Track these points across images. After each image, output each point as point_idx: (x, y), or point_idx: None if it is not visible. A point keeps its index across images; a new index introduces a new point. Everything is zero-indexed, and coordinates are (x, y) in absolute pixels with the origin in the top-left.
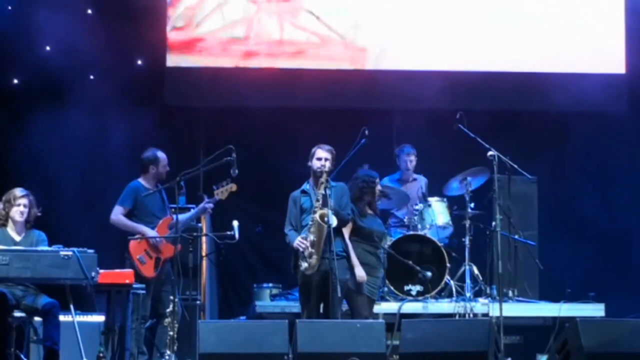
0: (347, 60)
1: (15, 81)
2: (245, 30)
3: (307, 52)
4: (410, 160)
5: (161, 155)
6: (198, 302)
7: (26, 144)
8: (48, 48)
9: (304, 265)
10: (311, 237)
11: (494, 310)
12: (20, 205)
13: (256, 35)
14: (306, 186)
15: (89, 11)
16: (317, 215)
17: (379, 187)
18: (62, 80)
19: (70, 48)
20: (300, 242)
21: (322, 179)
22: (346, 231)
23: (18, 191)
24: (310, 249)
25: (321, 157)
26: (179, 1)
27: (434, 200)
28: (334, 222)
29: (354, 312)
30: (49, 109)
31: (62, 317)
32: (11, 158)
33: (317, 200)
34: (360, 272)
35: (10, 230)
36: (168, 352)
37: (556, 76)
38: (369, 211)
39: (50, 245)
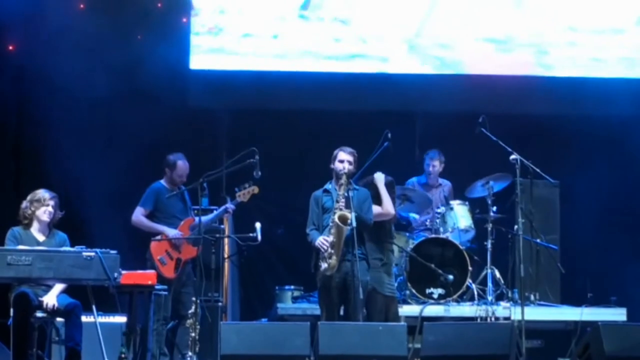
0: (370, 64)
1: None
2: (269, 33)
3: (330, 55)
4: (434, 165)
5: (181, 164)
6: (220, 303)
7: (50, 145)
8: (72, 49)
9: (324, 265)
10: (331, 238)
11: (515, 313)
12: (49, 206)
13: (279, 39)
14: (328, 186)
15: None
16: (336, 217)
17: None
18: (85, 81)
19: (93, 49)
20: (322, 242)
21: (342, 181)
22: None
23: (47, 193)
24: (330, 250)
25: (343, 159)
26: (204, 4)
27: (456, 204)
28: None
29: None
30: (72, 110)
31: (84, 318)
32: (35, 158)
33: (337, 202)
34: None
35: (34, 230)
36: (190, 353)
37: (580, 80)
38: None
39: (72, 246)
